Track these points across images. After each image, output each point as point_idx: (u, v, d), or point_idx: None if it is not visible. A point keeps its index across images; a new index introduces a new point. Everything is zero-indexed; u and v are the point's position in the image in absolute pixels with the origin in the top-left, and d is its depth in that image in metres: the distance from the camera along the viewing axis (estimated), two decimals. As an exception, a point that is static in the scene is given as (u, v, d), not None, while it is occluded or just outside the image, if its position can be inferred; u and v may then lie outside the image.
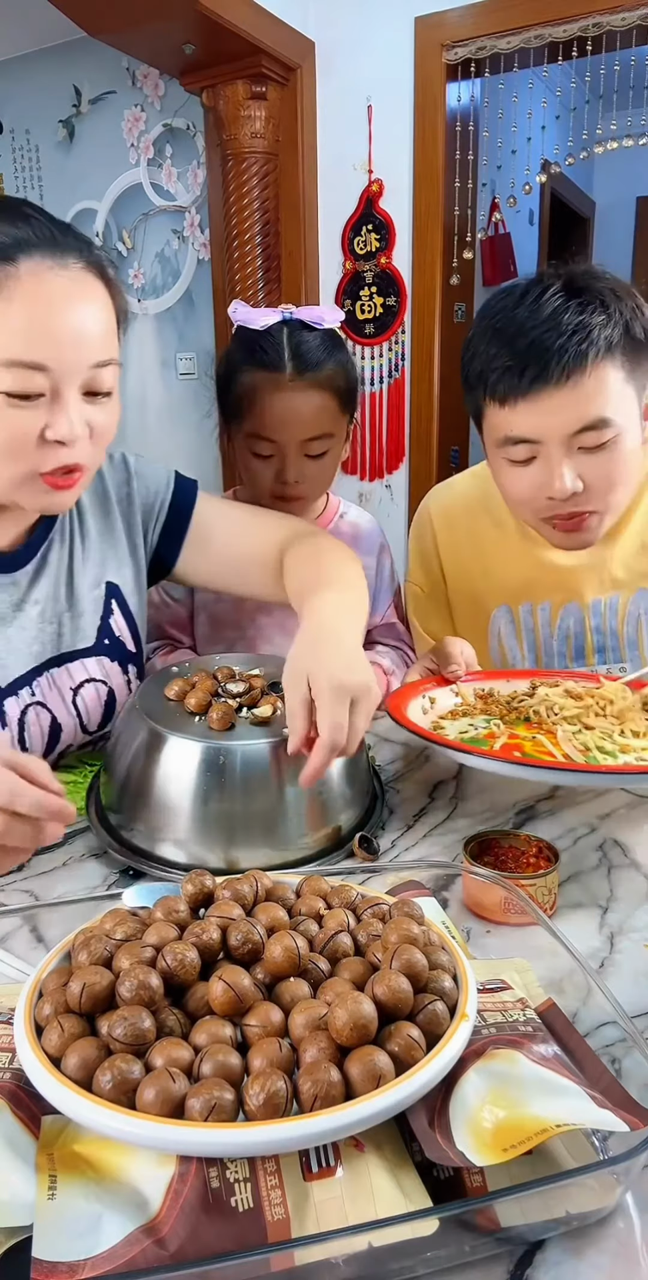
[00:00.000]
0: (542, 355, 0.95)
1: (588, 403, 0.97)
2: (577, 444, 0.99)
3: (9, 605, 0.96)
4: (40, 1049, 0.49)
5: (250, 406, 1.21)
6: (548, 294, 0.98)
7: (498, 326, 1.00)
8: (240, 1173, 0.43)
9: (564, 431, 0.98)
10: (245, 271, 2.92)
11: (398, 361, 2.97)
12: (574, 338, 0.95)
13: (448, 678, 1.09)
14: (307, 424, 1.21)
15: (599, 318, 0.96)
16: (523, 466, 1.03)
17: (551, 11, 2.47)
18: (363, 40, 2.79)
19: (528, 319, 0.97)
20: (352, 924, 0.59)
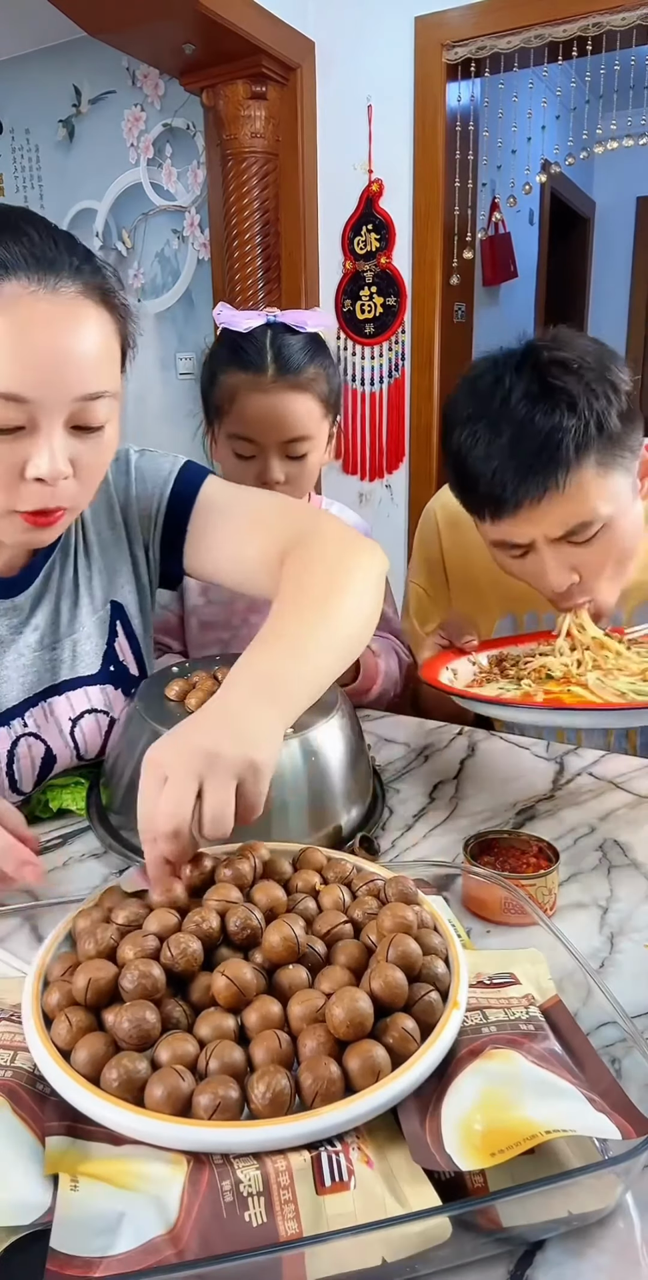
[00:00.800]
0: (515, 474, 0.93)
1: (568, 511, 0.95)
2: (566, 541, 0.98)
3: (7, 630, 0.91)
4: (51, 1042, 0.49)
5: (232, 407, 1.21)
6: (513, 396, 0.94)
7: (473, 429, 0.97)
8: (254, 1187, 0.43)
9: (550, 536, 0.97)
10: (245, 271, 2.92)
11: (398, 361, 2.97)
12: (543, 455, 0.92)
13: (463, 649, 1.09)
14: (287, 425, 1.21)
15: (568, 423, 0.92)
16: (520, 559, 1.03)
17: (551, 11, 2.47)
18: (363, 40, 2.79)
19: (500, 421, 0.95)
20: (347, 900, 0.61)
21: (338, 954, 0.56)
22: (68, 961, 0.56)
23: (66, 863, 0.86)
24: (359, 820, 0.89)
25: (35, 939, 0.72)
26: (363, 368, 3.03)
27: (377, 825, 0.91)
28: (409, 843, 0.89)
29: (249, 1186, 0.43)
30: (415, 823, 0.93)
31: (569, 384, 0.93)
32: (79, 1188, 0.43)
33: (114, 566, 0.99)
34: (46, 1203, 0.43)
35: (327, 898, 0.62)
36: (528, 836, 0.81)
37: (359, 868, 0.67)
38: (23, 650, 0.92)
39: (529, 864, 0.79)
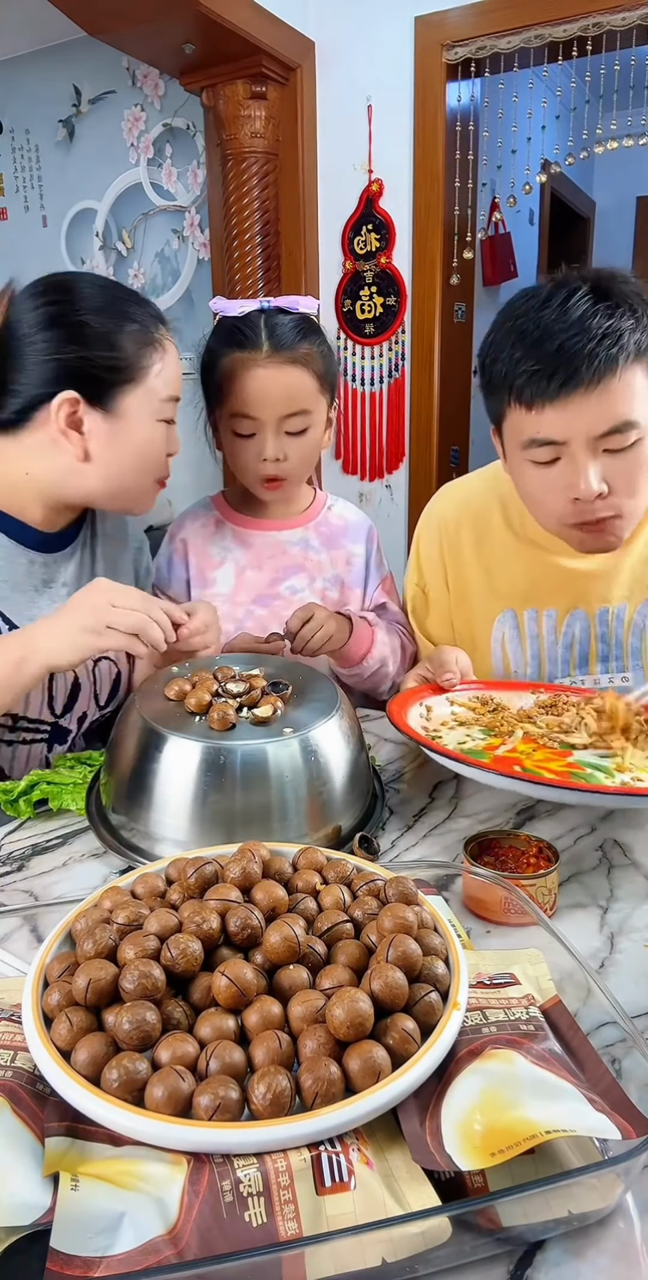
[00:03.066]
0: (572, 360, 0.95)
1: (616, 406, 0.97)
2: (602, 446, 0.99)
3: (42, 580, 1.11)
4: (50, 1043, 0.49)
5: (230, 387, 1.24)
6: (576, 297, 0.97)
7: (523, 329, 0.99)
8: (254, 1187, 0.43)
9: (591, 433, 0.98)
10: (245, 271, 2.92)
11: (398, 361, 2.97)
12: (604, 342, 0.94)
13: (443, 686, 1.09)
14: (284, 399, 1.24)
15: (629, 322, 0.96)
16: (547, 468, 1.02)
17: (551, 11, 2.47)
18: (363, 40, 2.79)
19: (556, 322, 0.97)
20: (347, 899, 0.61)
21: (338, 954, 0.56)
22: (68, 961, 0.56)
23: (66, 863, 0.86)
24: (359, 820, 0.89)
25: (35, 939, 0.72)
26: (363, 368, 3.02)
27: (377, 825, 0.91)
28: (409, 842, 0.89)
29: (249, 1186, 0.43)
30: (415, 822, 0.93)
31: (628, 293, 0.97)
32: (79, 1188, 0.43)
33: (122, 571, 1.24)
34: (46, 1203, 0.43)
35: (327, 898, 0.62)
36: (528, 836, 0.81)
37: (359, 868, 0.67)
38: (56, 599, 1.11)
39: (529, 864, 0.79)
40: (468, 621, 1.27)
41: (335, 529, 1.40)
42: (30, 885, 0.82)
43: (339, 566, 1.39)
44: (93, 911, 0.60)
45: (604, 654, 1.19)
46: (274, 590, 1.35)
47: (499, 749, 0.93)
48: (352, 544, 1.40)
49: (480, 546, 1.25)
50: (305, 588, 1.36)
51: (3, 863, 0.86)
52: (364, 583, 1.41)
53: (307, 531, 1.38)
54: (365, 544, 1.42)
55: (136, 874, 0.66)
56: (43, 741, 1.11)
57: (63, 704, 1.12)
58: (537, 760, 0.90)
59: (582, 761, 0.90)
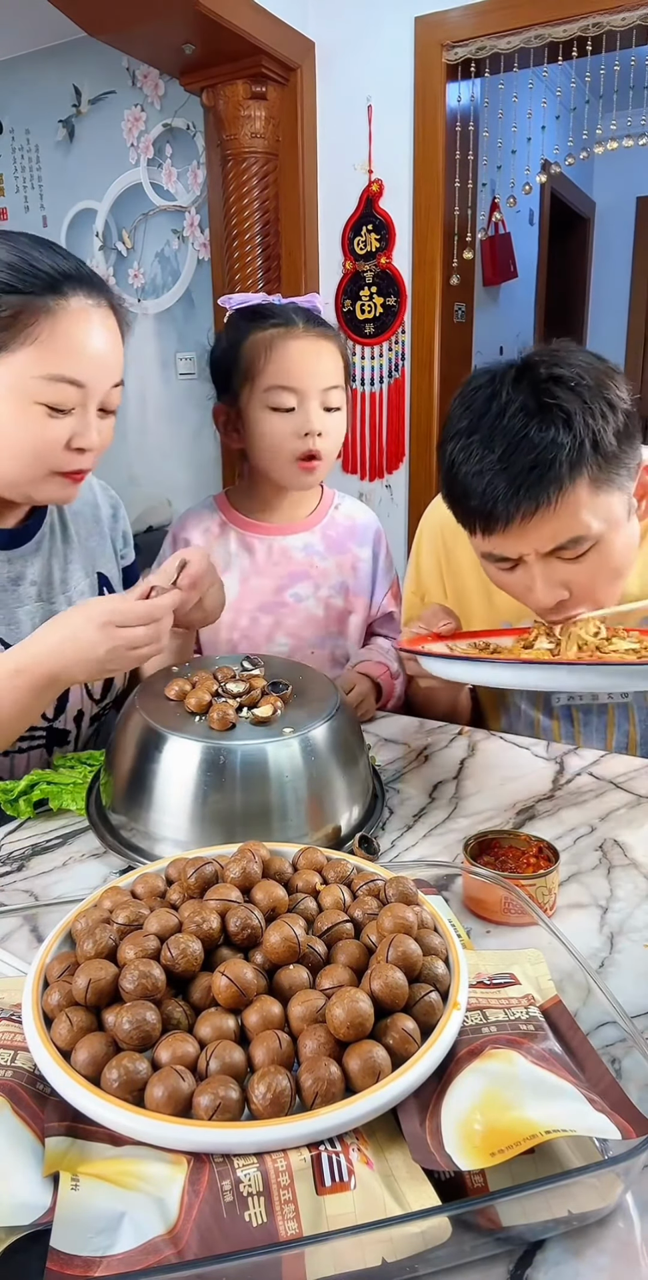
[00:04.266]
0: (507, 488, 0.92)
1: (559, 526, 0.94)
2: (556, 556, 0.97)
3: (7, 579, 1.05)
4: (51, 1042, 0.49)
5: (268, 361, 1.23)
6: (509, 410, 0.93)
7: (467, 442, 0.96)
8: (254, 1186, 0.43)
9: (539, 551, 0.97)
10: (245, 271, 2.92)
11: (398, 361, 2.97)
12: (535, 471, 0.91)
13: (441, 633, 1.09)
14: (325, 371, 1.24)
15: (564, 439, 0.90)
16: (509, 573, 1.02)
17: (551, 11, 2.47)
18: (363, 40, 2.79)
19: (494, 435, 0.93)
20: (347, 899, 0.61)
21: (338, 954, 0.56)
22: (68, 961, 0.56)
23: (66, 863, 0.86)
24: (359, 820, 0.89)
25: (35, 939, 0.72)
26: (363, 368, 3.03)
27: (377, 825, 0.91)
28: (409, 842, 0.89)
29: (249, 1186, 0.43)
30: (415, 823, 0.93)
31: (566, 400, 0.91)
32: (79, 1187, 0.43)
33: (96, 549, 1.18)
34: (46, 1203, 0.43)
35: (327, 898, 0.62)
36: (528, 836, 0.81)
37: (359, 868, 0.67)
38: (24, 600, 1.07)
39: (529, 864, 0.79)
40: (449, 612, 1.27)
41: (342, 531, 1.39)
42: (30, 885, 0.82)
43: (345, 572, 1.37)
44: (93, 911, 0.60)
45: None
46: (279, 598, 1.34)
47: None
48: (358, 547, 1.39)
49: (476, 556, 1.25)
50: (310, 595, 1.35)
51: (3, 863, 0.86)
52: (370, 588, 1.40)
53: (312, 536, 1.37)
54: (373, 547, 1.41)
55: (136, 874, 0.66)
56: (40, 747, 1.10)
57: (54, 708, 1.09)
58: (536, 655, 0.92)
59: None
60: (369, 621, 1.42)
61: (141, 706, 0.87)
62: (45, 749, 1.10)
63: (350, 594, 1.38)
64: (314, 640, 1.35)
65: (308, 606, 1.34)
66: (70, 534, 1.14)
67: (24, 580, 1.07)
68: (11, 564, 1.06)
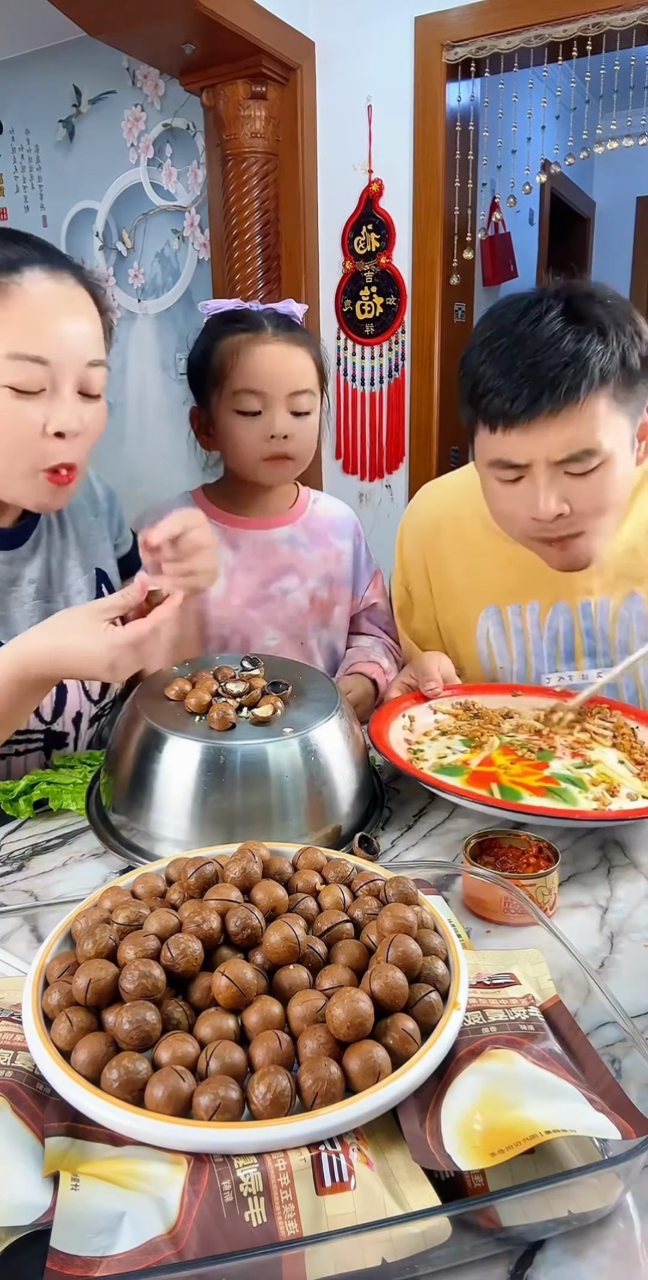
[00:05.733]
0: (535, 385, 0.95)
1: (576, 433, 0.96)
2: (563, 469, 0.99)
3: (5, 580, 1.04)
4: (51, 1043, 0.49)
5: (235, 364, 1.24)
6: (547, 316, 0.97)
7: (494, 345, 0.99)
8: (254, 1186, 0.43)
9: (550, 458, 0.98)
10: (245, 271, 2.92)
11: (398, 361, 2.97)
12: (568, 369, 0.94)
13: (426, 695, 1.10)
14: (292, 375, 1.25)
15: (597, 347, 0.95)
16: (511, 485, 1.03)
17: (551, 11, 2.47)
18: (363, 40, 2.79)
19: (525, 340, 0.97)
20: (347, 899, 0.61)
21: (338, 954, 0.56)
22: (68, 961, 0.56)
23: (66, 863, 0.86)
24: (359, 820, 0.89)
25: (35, 939, 0.72)
26: (363, 368, 3.02)
27: (377, 825, 0.91)
28: (409, 842, 0.89)
29: (249, 1186, 0.43)
30: (415, 822, 0.93)
31: (602, 315, 0.97)
32: (79, 1187, 0.43)
33: (95, 545, 1.16)
34: (46, 1203, 0.43)
35: (327, 898, 0.62)
36: (528, 836, 0.81)
37: (359, 868, 0.67)
38: (23, 599, 1.05)
39: (529, 864, 0.79)
40: (453, 619, 1.27)
41: (323, 524, 1.41)
42: (30, 885, 0.82)
43: (329, 564, 1.39)
44: (93, 911, 0.60)
45: (590, 648, 1.19)
46: (266, 592, 1.34)
47: (474, 761, 0.94)
48: (339, 540, 1.41)
49: (461, 544, 1.25)
50: (297, 588, 1.36)
51: (3, 863, 0.86)
52: (353, 580, 1.42)
53: (295, 529, 1.38)
54: (353, 540, 1.43)
55: (136, 874, 0.66)
56: (38, 750, 1.09)
57: (51, 710, 1.08)
58: (514, 775, 0.91)
59: (557, 775, 0.91)
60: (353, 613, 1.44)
61: (142, 706, 0.87)
62: (44, 751, 1.10)
63: (334, 585, 1.39)
64: (302, 632, 1.36)
65: (295, 599, 1.35)
66: (68, 531, 1.13)
67: (22, 580, 1.06)
68: (9, 565, 1.05)
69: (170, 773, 0.82)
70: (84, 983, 0.51)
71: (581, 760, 0.95)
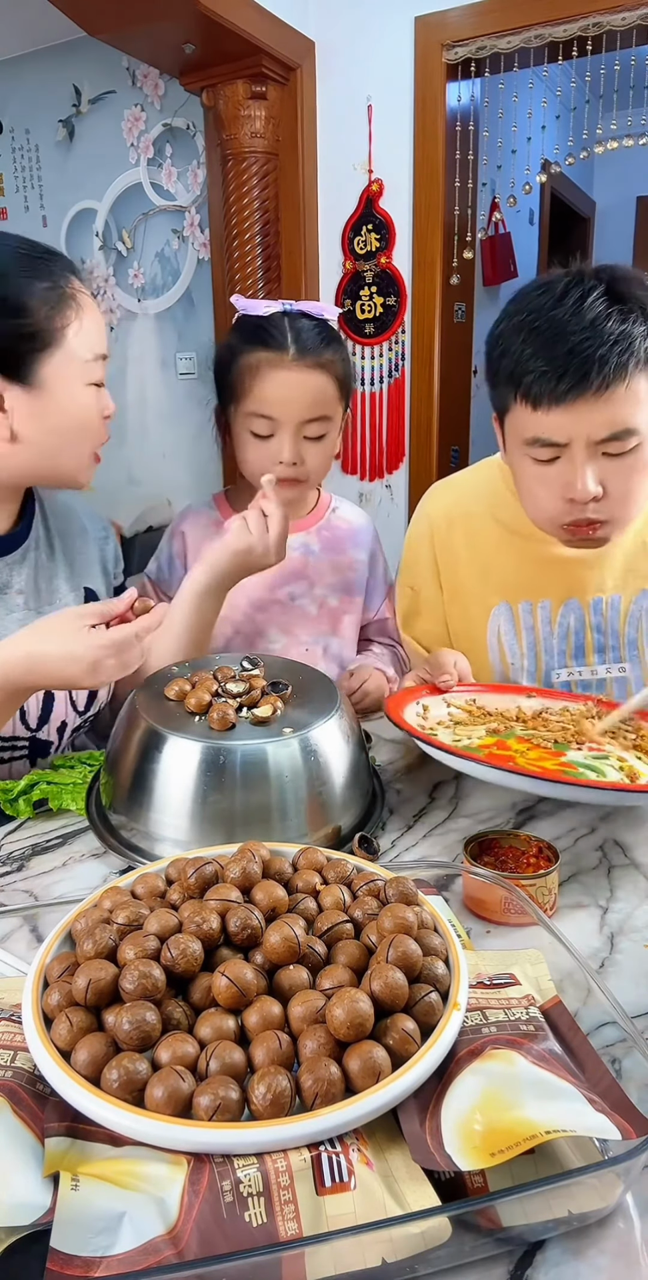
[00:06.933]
0: (583, 364, 0.95)
1: (619, 413, 0.97)
2: (602, 449, 1.00)
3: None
4: (51, 1043, 0.49)
5: (252, 386, 1.23)
6: (591, 297, 0.97)
7: (535, 325, 0.99)
8: (254, 1187, 0.43)
9: (592, 438, 0.98)
10: (245, 271, 2.92)
11: (398, 361, 2.97)
12: (616, 347, 0.95)
13: (440, 687, 1.09)
14: (306, 404, 1.23)
15: (641, 328, 0.96)
16: (546, 465, 1.03)
17: (551, 11, 2.47)
18: (363, 40, 2.79)
19: (569, 321, 0.96)
20: (347, 899, 0.61)
21: (338, 954, 0.56)
22: (68, 961, 0.56)
23: (66, 863, 0.86)
24: (359, 820, 0.89)
25: (35, 939, 0.72)
26: (363, 368, 3.02)
27: (377, 825, 0.91)
28: (409, 843, 0.89)
29: (249, 1187, 0.43)
30: (415, 823, 0.93)
31: (644, 297, 0.97)
32: (79, 1188, 0.43)
33: (84, 565, 1.18)
34: (46, 1203, 0.43)
35: (327, 898, 0.62)
36: (528, 836, 0.81)
37: (359, 868, 0.67)
38: (12, 607, 1.06)
39: (529, 864, 0.79)
40: (463, 618, 1.27)
41: (339, 534, 1.40)
42: (30, 885, 0.82)
43: (341, 573, 1.38)
44: (93, 911, 0.60)
45: (600, 644, 1.20)
46: (274, 596, 1.34)
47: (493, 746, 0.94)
48: (355, 550, 1.40)
49: (472, 542, 1.25)
50: (305, 594, 1.35)
51: (3, 863, 0.86)
52: (365, 590, 1.41)
53: (309, 536, 1.38)
54: (370, 551, 1.42)
55: (136, 874, 0.66)
56: (23, 758, 1.09)
57: (37, 718, 1.08)
58: (531, 759, 0.90)
59: (574, 761, 0.90)
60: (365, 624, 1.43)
61: (141, 706, 0.87)
62: (28, 759, 1.09)
63: (345, 595, 1.39)
64: (307, 638, 1.36)
65: (302, 605, 1.35)
66: (55, 549, 1.15)
67: (10, 589, 1.07)
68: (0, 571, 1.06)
69: (170, 773, 0.82)
70: (84, 983, 0.51)
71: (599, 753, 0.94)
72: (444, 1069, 0.50)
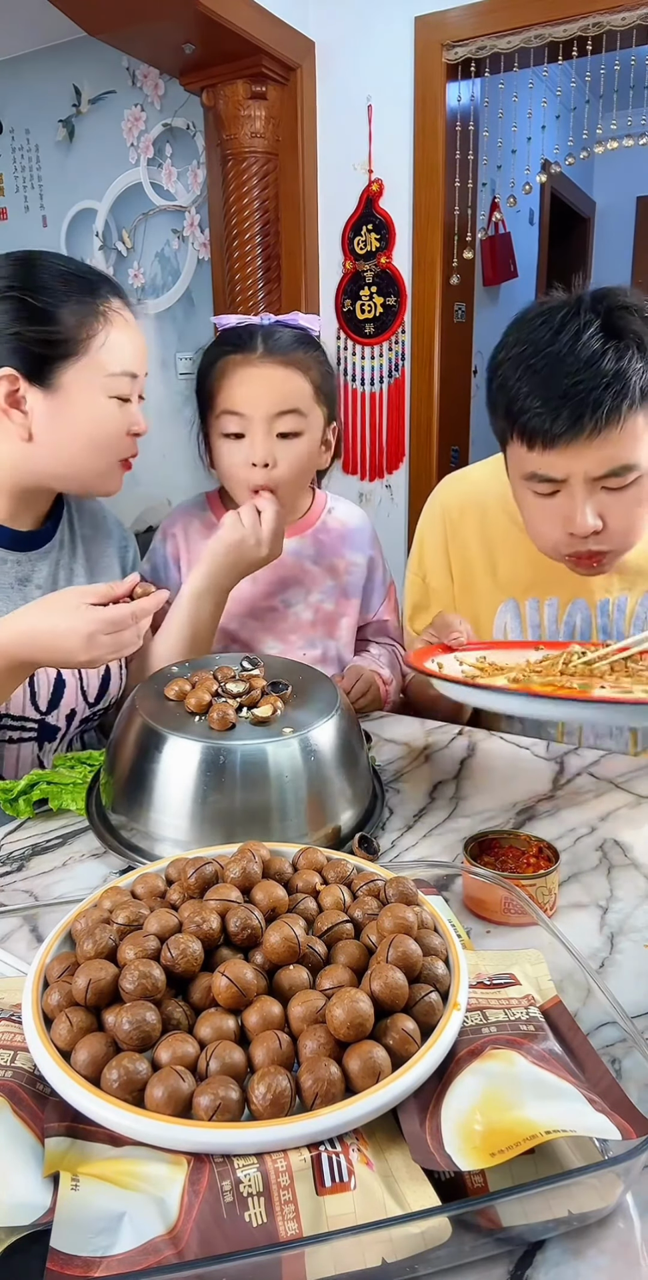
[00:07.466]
0: (576, 408, 0.94)
1: (616, 451, 0.97)
2: (601, 484, 1.00)
3: (15, 578, 1.09)
4: (51, 1043, 0.49)
5: (221, 387, 1.23)
6: (587, 334, 0.95)
7: (531, 363, 0.98)
8: (254, 1187, 0.43)
9: (590, 475, 0.98)
10: (245, 271, 2.92)
11: (398, 361, 2.97)
12: (610, 390, 0.94)
13: (451, 645, 1.09)
14: (275, 399, 1.21)
15: (637, 364, 0.95)
16: (547, 499, 1.03)
17: (551, 11, 2.47)
18: (363, 40, 2.79)
19: (565, 359, 0.95)
20: (347, 899, 0.61)
21: (338, 954, 0.56)
22: (68, 961, 0.56)
23: (66, 863, 0.86)
24: (359, 820, 0.89)
25: (35, 939, 0.72)
26: (363, 368, 3.02)
27: (377, 825, 0.91)
28: (409, 842, 0.89)
29: (249, 1187, 0.43)
30: (415, 823, 0.93)
31: (640, 329, 0.96)
32: (79, 1187, 0.43)
33: (105, 567, 1.21)
34: (46, 1203, 0.43)
35: (327, 898, 0.62)
36: (528, 836, 0.81)
37: (359, 868, 0.67)
38: (29, 599, 1.07)
39: (529, 864, 0.79)
40: (471, 611, 1.27)
41: (335, 536, 1.38)
42: (30, 885, 0.82)
43: (337, 577, 1.36)
44: (93, 911, 0.60)
45: None
46: (269, 603, 1.33)
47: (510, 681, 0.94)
48: (351, 552, 1.38)
49: (484, 536, 1.25)
50: (300, 601, 1.34)
51: (3, 863, 0.86)
52: (363, 592, 1.39)
53: (304, 541, 1.35)
54: (368, 552, 1.40)
55: (136, 874, 0.66)
56: (31, 740, 1.10)
57: (47, 701, 1.10)
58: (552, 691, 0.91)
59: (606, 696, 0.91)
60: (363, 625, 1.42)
61: (141, 706, 0.87)
62: (36, 742, 1.11)
63: (341, 598, 1.37)
64: (303, 644, 1.34)
65: (297, 612, 1.34)
66: (78, 551, 1.18)
67: (30, 583, 1.10)
68: (21, 565, 1.10)
69: (170, 773, 0.82)
70: (84, 983, 0.51)
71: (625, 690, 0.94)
72: (444, 1069, 0.50)
